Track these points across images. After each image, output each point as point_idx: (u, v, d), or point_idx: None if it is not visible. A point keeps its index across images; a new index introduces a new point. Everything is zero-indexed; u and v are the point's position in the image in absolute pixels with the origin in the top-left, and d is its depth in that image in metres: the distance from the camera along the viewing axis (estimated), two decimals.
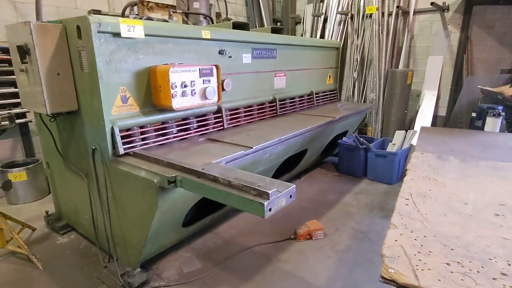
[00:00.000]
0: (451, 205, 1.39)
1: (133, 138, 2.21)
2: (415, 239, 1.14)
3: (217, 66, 2.51)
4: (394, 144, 4.11)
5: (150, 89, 2.30)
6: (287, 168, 3.72)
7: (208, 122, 2.77)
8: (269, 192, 1.45)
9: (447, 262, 1.00)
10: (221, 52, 2.82)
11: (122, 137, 2.14)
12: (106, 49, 1.99)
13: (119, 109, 2.13)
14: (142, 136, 2.27)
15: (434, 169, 1.82)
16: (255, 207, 1.46)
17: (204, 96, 2.44)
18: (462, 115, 5.36)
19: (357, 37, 6.17)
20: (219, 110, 2.86)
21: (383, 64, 5.69)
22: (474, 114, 3.94)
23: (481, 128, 3.85)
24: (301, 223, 2.88)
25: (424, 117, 5.70)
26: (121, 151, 2.10)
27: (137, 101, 2.24)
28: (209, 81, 2.47)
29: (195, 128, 2.67)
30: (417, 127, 5.67)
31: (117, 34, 2.02)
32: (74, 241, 2.74)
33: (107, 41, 1.99)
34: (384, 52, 5.70)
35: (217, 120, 2.85)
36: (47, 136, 2.51)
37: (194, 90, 2.37)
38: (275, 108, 3.56)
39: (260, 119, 3.37)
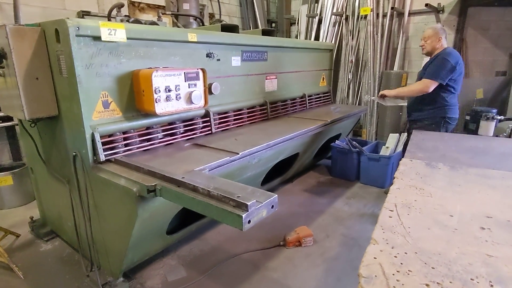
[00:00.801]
0: (436, 218, 1.34)
1: (116, 144, 2.15)
2: (395, 256, 1.09)
3: (203, 70, 2.45)
4: (387, 148, 4.06)
5: (133, 94, 2.24)
6: (279, 171, 3.67)
7: (196, 126, 2.72)
8: (248, 203, 1.40)
9: (426, 283, 0.95)
10: (209, 55, 2.77)
11: (104, 143, 2.08)
12: (85, 53, 1.93)
13: (100, 114, 2.08)
14: (125, 142, 2.21)
15: (422, 178, 1.77)
16: (233, 219, 1.41)
17: (189, 100, 2.38)
18: (459, 118, 5.31)
19: (352, 38, 6.13)
20: (207, 114, 2.80)
21: (378, 66, 5.65)
22: (468, 117, 3.90)
23: (475, 131, 3.80)
24: (291, 229, 2.83)
25: None
26: (102, 158, 2.04)
27: (119, 106, 2.18)
28: (195, 85, 2.42)
29: (182, 133, 2.62)
30: None
31: (97, 38, 1.96)
32: (58, 248, 2.68)
33: (87, 45, 1.93)
34: (378, 53, 5.66)
35: (205, 124, 2.80)
36: (29, 141, 2.45)
37: (179, 94, 2.31)
38: (266, 111, 3.50)
39: (251, 123, 3.32)
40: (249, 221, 1.40)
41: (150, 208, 1.90)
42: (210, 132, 2.83)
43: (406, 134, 4.32)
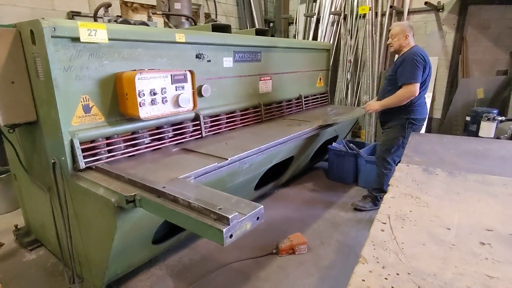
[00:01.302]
0: (432, 231, 1.24)
1: (98, 150, 2.05)
2: (385, 278, 0.99)
3: (191, 72, 2.35)
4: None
5: (117, 98, 2.14)
6: (274, 175, 3.57)
7: (185, 130, 2.62)
8: (229, 216, 1.30)
9: None
10: (198, 56, 2.67)
11: (85, 150, 1.98)
12: (63, 55, 1.83)
13: (80, 119, 1.98)
14: (109, 148, 2.11)
15: (419, 185, 1.67)
16: (213, 233, 1.30)
17: (177, 103, 2.28)
18: (458, 119, 5.20)
19: (351, 37, 6.02)
20: (197, 118, 2.70)
21: (377, 66, 5.54)
22: (468, 118, 3.79)
23: (476, 133, 3.69)
24: (284, 236, 2.72)
25: None
26: (82, 165, 1.94)
27: (102, 110, 2.08)
28: (182, 87, 2.32)
29: (171, 137, 2.52)
30: None
31: (76, 39, 1.86)
32: (42, 258, 2.59)
33: (65, 47, 1.83)
34: (377, 53, 5.55)
35: (195, 128, 2.70)
36: (11, 147, 2.36)
37: (165, 97, 2.21)
38: (260, 113, 3.40)
39: (244, 126, 3.22)
40: (231, 236, 1.30)
41: (131, 219, 1.80)
42: (200, 136, 2.72)
43: None
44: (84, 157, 1.97)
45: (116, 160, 2.13)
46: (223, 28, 3.05)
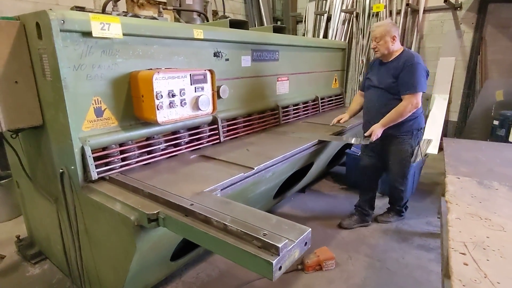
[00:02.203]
0: None
1: (111, 159, 1.84)
2: None
3: (211, 71, 2.14)
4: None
5: (131, 100, 1.93)
6: (290, 181, 3.36)
7: (202, 135, 2.40)
8: (279, 245, 1.09)
9: None
10: (216, 55, 2.45)
11: (97, 158, 1.77)
12: (73, 52, 1.62)
13: (92, 124, 1.76)
14: (123, 156, 1.90)
15: (481, 202, 1.46)
16: (259, 265, 1.09)
17: (196, 106, 2.07)
18: (477, 121, 5.00)
19: (363, 37, 5.81)
20: (214, 121, 2.49)
21: None
22: (496, 122, 3.59)
23: (505, 137, 3.49)
24: (308, 250, 2.50)
25: (434, 123, 5.36)
26: (94, 176, 1.72)
27: (115, 114, 1.87)
28: (202, 88, 2.10)
29: (187, 143, 2.30)
30: (427, 133, 5.32)
31: (87, 34, 1.65)
32: (47, 273, 2.37)
33: (75, 42, 1.62)
34: None
35: (212, 132, 2.48)
36: (13, 151, 2.14)
37: (184, 99, 2.00)
38: (277, 116, 3.19)
39: (261, 129, 3.01)
40: (280, 267, 1.09)
41: (151, 238, 1.58)
42: (218, 141, 2.51)
43: (427, 139, 4.01)
44: (97, 166, 1.75)
45: (131, 169, 1.92)
46: (241, 25, 2.83)
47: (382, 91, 2.61)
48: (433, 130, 5.31)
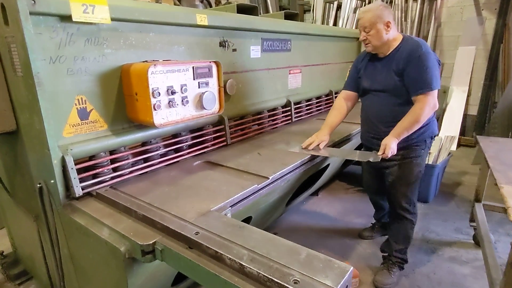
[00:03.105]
0: None
1: (100, 169, 1.54)
2: None
3: (217, 63, 1.83)
4: (430, 153, 3.43)
5: (123, 98, 1.62)
6: (304, 185, 3.06)
7: (206, 137, 2.10)
8: None
9: None
10: (222, 44, 2.14)
11: (82, 170, 1.47)
12: (49, 41, 1.31)
13: (75, 128, 1.46)
14: (114, 165, 1.60)
15: None
16: None
17: (200, 105, 1.76)
18: (497, 115, 4.63)
19: None
20: (220, 121, 2.19)
21: None
22: None
23: None
24: None
25: (452, 117, 5.02)
26: (78, 192, 1.43)
27: (104, 115, 1.56)
28: (206, 83, 1.79)
29: (189, 147, 2.00)
30: (444, 128, 5.00)
31: (66, 18, 1.34)
32: None
33: (51, 28, 1.31)
34: None
35: (218, 134, 2.18)
36: None
37: (186, 97, 1.69)
38: (289, 113, 2.88)
39: (272, 129, 2.70)
40: None
41: (147, 270, 1.29)
42: (225, 143, 2.21)
43: (450, 136, 3.69)
44: (81, 180, 1.45)
45: (124, 181, 1.62)
46: (249, 10, 2.51)
47: (385, 96, 1.99)
48: (451, 125, 4.97)
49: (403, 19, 5.09)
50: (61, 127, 1.41)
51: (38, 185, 1.46)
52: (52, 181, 1.41)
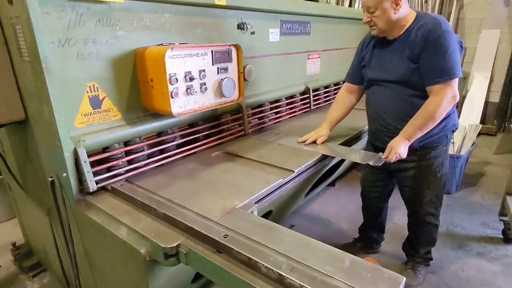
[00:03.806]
0: None
1: (114, 162, 1.44)
2: None
3: (237, 47, 1.69)
4: (453, 143, 3.26)
5: (137, 85, 1.50)
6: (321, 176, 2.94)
7: (224, 127, 1.98)
8: None
9: None
10: (240, 27, 1.99)
11: (96, 162, 1.37)
12: (57, 21, 1.18)
13: (87, 118, 1.35)
14: (129, 158, 1.50)
15: None
16: None
17: (219, 92, 1.64)
18: None
19: None
20: (238, 109, 2.06)
21: None
22: None
23: None
24: None
25: (473, 105, 4.81)
26: (92, 187, 1.33)
27: (117, 104, 1.45)
28: (225, 69, 1.66)
29: (206, 137, 1.89)
30: (464, 116, 4.79)
31: None
32: None
33: (58, 7, 1.18)
34: None
35: (235, 122, 2.06)
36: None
37: (204, 84, 1.56)
38: (308, 101, 2.74)
39: (290, 117, 2.57)
40: None
41: (168, 272, 1.20)
42: (243, 133, 2.09)
43: (474, 125, 3.52)
44: (95, 173, 1.35)
45: (139, 174, 1.52)
46: None
47: (398, 87, 1.69)
48: (471, 113, 4.77)
49: (423, 1, 4.83)
50: (73, 116, 1.30)
51: (50, 179, 1.36)
52: (64, 174, 1.31)
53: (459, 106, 4.82)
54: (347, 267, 0.89)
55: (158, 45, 1.48)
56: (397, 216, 2.76)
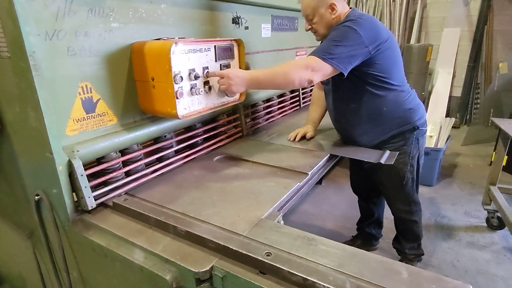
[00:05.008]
0: None
1: (112, 175, 1.25)
2: None
3: (238, 42, 1.57)
4: (431, 137, 3.39)
5: (134, 84, 1.33)
6: None
7: (221, 128, 1.84)
8: None
9: None
10: (236, 21, 1.86)
11: (92, 176, 1.18)
12: (43, 10, 0.99)
13: (80, 124, 1.16)
14: (127, 169, 1.31)
15: None
16: None
17: (222, 91, 1.50)
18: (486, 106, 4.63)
19: (362, 6, 5.32)
20: (235, 110, 1.94)
21: (397, 39, 4.91)
22: None
23: None
24: None
25: (439, 99, 5.07)
26: (91, 204, 1.14)
27: (113, 107, 1.27)
28: (228, 66, 1.53)
29: (203, 141, 1.74)
30: (431, 110, 5.03)
31: None
32: None
33: None
34: (397, 24, 4.92)
35: (233, 124, 1.93)
36: None
37: (208, 82, 1.43)
38: (297, 99, 2.67)
39: (282, 116, 2.48)
40: None
41: None
42: (240, 135, 1.96)
43: (449, 119, 3.68)
44: (93, 188, 1.16)
45: (140, 185, 1.34)
46: None
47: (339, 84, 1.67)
48: (437, 107, 5.02)
49: (391, 0, 4.99)
50: (64, 123, 1.10)
51: (35, 197, 1.15)
52: (55, 191, 1.11)
53: (425, 101, 5.05)
54: (407, 279, 0.82)
55: (157, 39, 1.32)
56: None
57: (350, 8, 1.63)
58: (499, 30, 4.90)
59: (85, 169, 1.14)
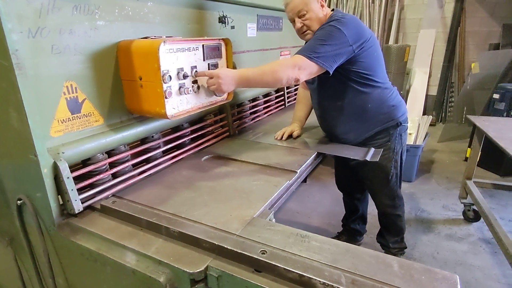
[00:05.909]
0: None
1: (99, 177, 1.22)
2: None
3: (226, 41, 1.57)
4: (410, 134, 3.50)
5: (120, 84, 1.30)
6: None
7: (208, 129, 1.83)
8: None
9: None
10: (222, 20, 1.85)
11: (78, 178, 1.15)
12: (25, 6, 0.95)
13: (65, 125, 1.12)
14: (114, 170, 1.28)
15: None
16: None
17: (211, 91, 1.49)
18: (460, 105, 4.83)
19: (343, 7, 5.41)
20: (222, 109, 1.93)
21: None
22: (496, 96, 3.46)
23: (505, 112, 3.39)
24: None
25: (415, 98, 5.24)
26: (78, 207, 1.11)
27: (99, 107, 1.23)
28: (215, 65, 1.53)
29: (191, 141, 1.72)
30: (408, 108, 5.17)
31: None
32: None
33: None
34: (376, 25, 5.04)
35: (220, 124, 1.93)
36: None
37: (196, 81, 1.42)
38: (282, 98, 2.69)
39: (267, 116, 2.49)
40: None
41: None
42: (227, 134, 1.96)
43: (426, 117, 3.82)
44: (79, 190, 1.13)
45: (128, 186, 1.32)
46: None
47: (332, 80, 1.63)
48: (415, 105, 5.19)
49: (370, 1, 5.11)
50: (48, 124, 1.06)
51: (17, 202, 1.10)
52: (38, 194, 1.07)
53: (404, 99, 5.21)
54: (398, 271, 0.85)
55: (143, 38, 1.29)
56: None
57: (332, 9, 1.67)
58: (471, 31, 5.13)
59: (71, 171, 1.10)
